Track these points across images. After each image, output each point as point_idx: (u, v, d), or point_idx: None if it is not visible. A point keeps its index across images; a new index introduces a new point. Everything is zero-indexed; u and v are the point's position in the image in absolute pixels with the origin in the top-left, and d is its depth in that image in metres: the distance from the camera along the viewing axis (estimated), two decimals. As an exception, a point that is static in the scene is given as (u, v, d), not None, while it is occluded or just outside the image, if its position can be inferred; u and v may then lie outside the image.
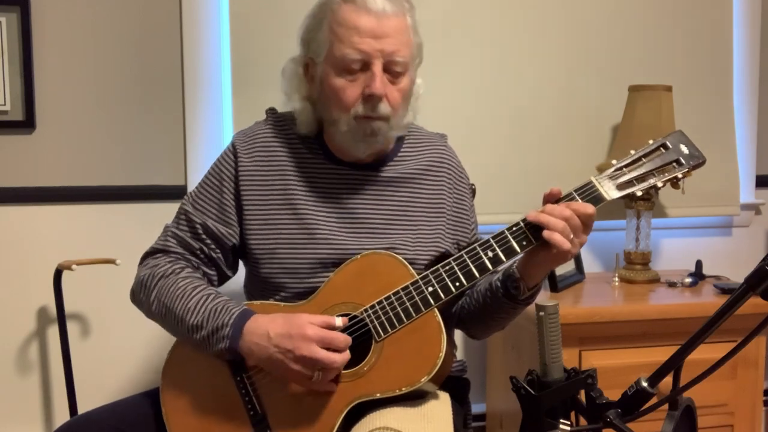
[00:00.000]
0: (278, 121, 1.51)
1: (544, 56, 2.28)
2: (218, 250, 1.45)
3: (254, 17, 2.10)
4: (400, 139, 1.51)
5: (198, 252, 1.44)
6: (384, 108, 1.36)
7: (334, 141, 1.45)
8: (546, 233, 1.25)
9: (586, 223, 1.26)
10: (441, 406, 1.36)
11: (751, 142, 2.48)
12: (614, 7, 2.31)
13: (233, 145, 1.48)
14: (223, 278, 1.50)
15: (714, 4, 2.38)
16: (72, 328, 2.08)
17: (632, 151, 1.31)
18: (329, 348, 1.25)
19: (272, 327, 1.27)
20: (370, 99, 1.34)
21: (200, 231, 1.44)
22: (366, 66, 1.34)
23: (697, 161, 1.29)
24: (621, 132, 2.26)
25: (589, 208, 1.26)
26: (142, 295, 1.43)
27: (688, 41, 2.37)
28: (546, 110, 2.28)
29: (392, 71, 1.36)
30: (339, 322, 1.29)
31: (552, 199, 1.29)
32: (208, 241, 1.44)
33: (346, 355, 1.27)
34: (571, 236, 1.25)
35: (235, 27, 2.09)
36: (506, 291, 1.37)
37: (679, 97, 2.23)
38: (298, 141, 1.47)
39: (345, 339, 1.27)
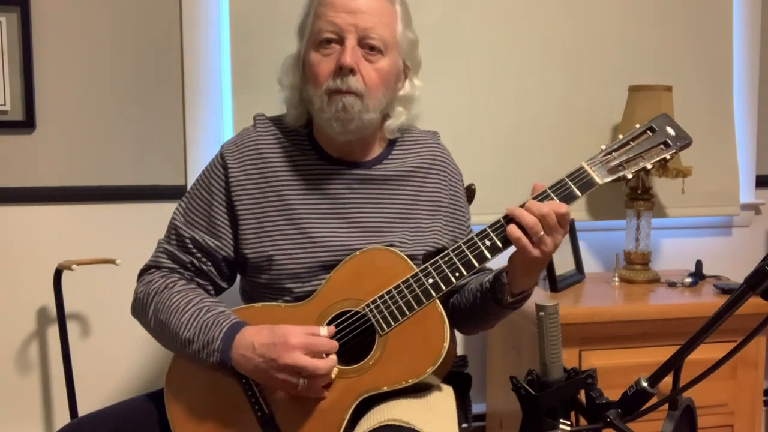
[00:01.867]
0: (266, 125, 1.49)
1: (544, 56, 2.28)
2: (209, 263, 1.44)
3: (254, 17, 2.10)
4: (393, 140, 1.50)
5: (189, 266, 1.44)
6: (354, 82, 1.35)
7: (318, 128, 1.45)
8: (508, 228, 1.26)
9: (560, 222, 1.26)
10: (445, 399, 1.37)
11: (751, 142, 2.48)
12: (614, 7, 2.31)
13: (221, 156, 1.46)
14: (218, 290, 1.49)
15: (714, 4, 2.38)
16: (72, 328, 2.08)
17: (620, 136, 1.34)
18: (314, 355, 1.25)
19: (257, 338, 1.27)
20: (340, 72, 1.34)
21: (189, 245, 1.43)
22: (341, 42, 1.36)
23: (684, 142, 1.32)
24: (621, 132, 2.24)
25: (563, 208, 1.26)
26: (140, 313, 1.44)
27: (688, 41, 2.37)
28: (546, 110, 2.28)
29: (368, 48, 1.36)
30: (324, 331, 1.28)
31: (535, 193, 1.31)
32: (199, 255, 1.43)
33: (331, 361, 1.26)
34: (541, 233, 1.24)
35: (235, 27, 2.09)
36: (494, 294, 1.37)
37: (679, 97, 2.23)
38: (288, 142, 1.46)
39: (329, 344, 1.26)
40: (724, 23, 2.40)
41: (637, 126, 1.34)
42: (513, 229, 1.25)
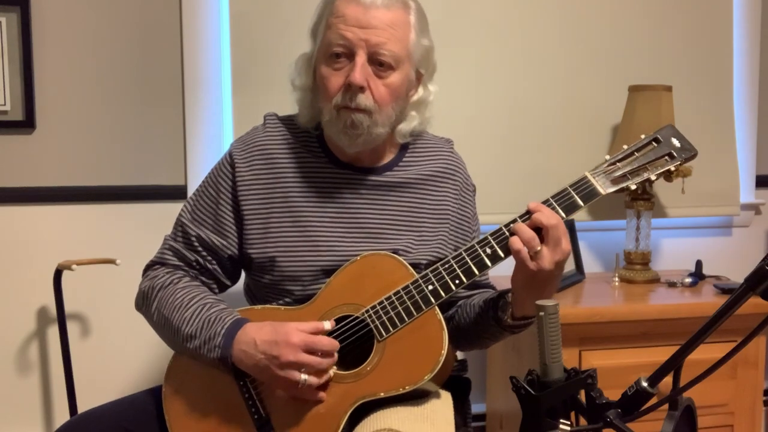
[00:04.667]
0: (276, 125, 1.48)
1: (544, 56, 2.28)
2: (214, 262, 1.45)
3: (254, 17, 2.10)
4: (405, 145, 1.49)
5: (194, 263, 1.44)
6: (364, 100, 1.33)
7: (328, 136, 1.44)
8: (511, 239, 1.25)
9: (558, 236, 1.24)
10: (443, 407, 1.36)
11: (751, 142, 2.48)
12: (614, 7, 2.31)
13: (230, 154, 1.46)
14: (222, 287, 1.50)
15: (714, 4, 2.38)
16: (72, 328, 2.08)
17: (625, 146, 1.34)
18: (315, 353, 1.25)
19: (259, 335, 1.27)
20: (349, 89, 1.32)
21: (195, 243, 1.44)
22: (352, 56, 1.33)
23: (689, 154, 1.32)
24: (621, 132, 2.26)
25: (561, 224, 1.25)
26: (144, 307, 1.44)
27: (688, 41, 2.37)
28: (546, 110, 2.28)
29: (378, 64, 1.33)
30: (328, 325, 1.29)
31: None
32: (204, 253, 1.44)
33: (333, 359, 1.27)
34: (538, 248, 1.23)
35: (235, 27, 2.09)
36: (495, 312, 1.36)
37: (679, 97, 2.23)
38: (298, 145, 1.45)
39: (331, 343, 1.27)
40: (724, 23, 2.40)
41: (642, 136, 1.33)
42: (515, 241, 1.25)
